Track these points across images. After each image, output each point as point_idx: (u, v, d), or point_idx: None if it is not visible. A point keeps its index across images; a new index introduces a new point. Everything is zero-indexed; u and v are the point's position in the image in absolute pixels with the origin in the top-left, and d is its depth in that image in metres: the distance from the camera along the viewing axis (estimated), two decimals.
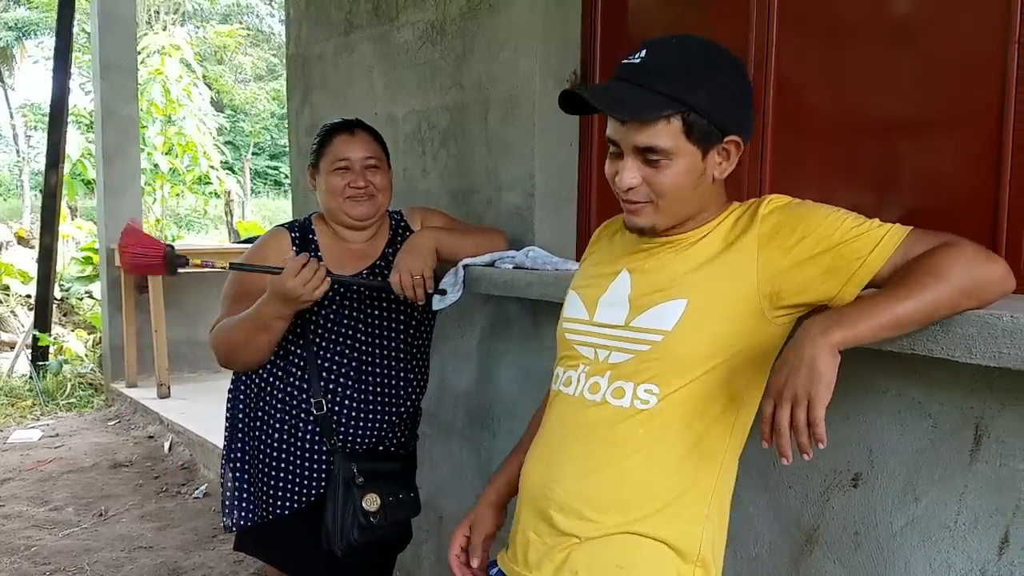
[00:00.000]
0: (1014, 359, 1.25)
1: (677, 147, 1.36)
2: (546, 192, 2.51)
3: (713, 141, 1.39)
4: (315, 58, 3.48)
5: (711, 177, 1.41)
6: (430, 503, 2.74)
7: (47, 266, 7.32)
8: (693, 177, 1.39)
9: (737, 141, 1.41)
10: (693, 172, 1.39)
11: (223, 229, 14.15)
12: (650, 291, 1.43)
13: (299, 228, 2.25)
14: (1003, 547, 1.45)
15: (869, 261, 1.29)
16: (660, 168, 1.37)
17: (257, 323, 2.06)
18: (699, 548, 1.41)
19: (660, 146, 1.36)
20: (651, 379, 1.40)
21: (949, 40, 1.76)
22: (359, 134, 2.22)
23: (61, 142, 7.34)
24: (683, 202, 1.41)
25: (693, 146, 1.37)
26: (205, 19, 19.74)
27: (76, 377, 7.01)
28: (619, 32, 2.45)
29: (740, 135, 1.41)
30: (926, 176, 1.82)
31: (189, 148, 10.66)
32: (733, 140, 1.40)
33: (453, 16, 2.74)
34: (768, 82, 2.06)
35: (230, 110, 19.54)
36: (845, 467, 1.67)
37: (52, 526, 4.13)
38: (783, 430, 1.21)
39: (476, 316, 2.69)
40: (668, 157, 1.37)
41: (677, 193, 1.39)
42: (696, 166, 1.39)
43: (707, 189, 1.42)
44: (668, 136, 1.35)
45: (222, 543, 3.85)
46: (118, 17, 6.51)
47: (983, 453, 1.48)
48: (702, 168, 1.39)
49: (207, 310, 6.25)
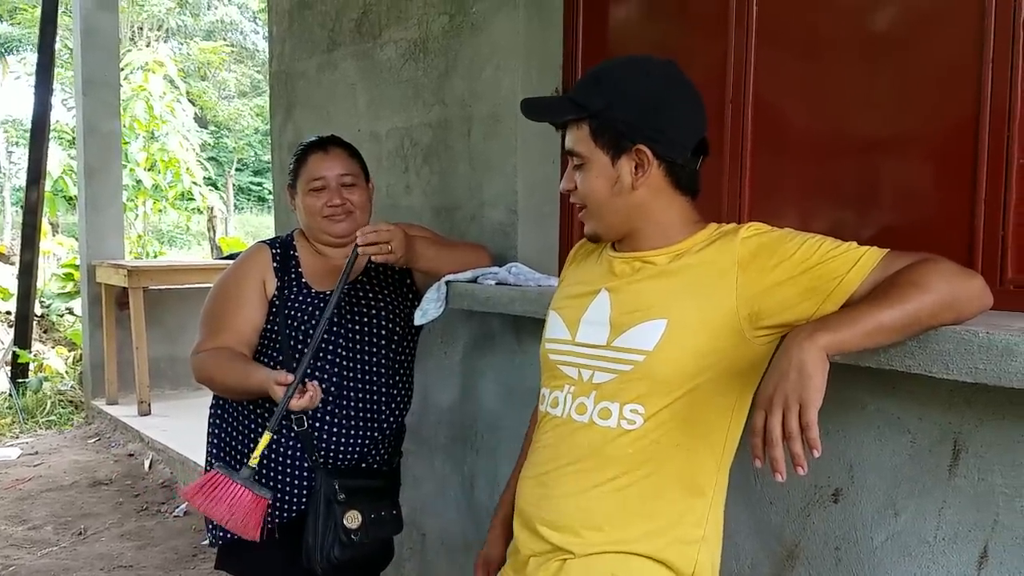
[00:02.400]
0: (990, 375, 1.27)
1: (589, 151, 1.44)
2: (529, 208, 2.52)
3: (623, 148, 1.42)
4: (298, 75, 3.48)
5: (629, 186, 1.43)
6: (413, 520, 2.73)
7: (27, 282, 7.27)
8: (607, 183, 1.44)
9: (644, 150, 1.42)
10: (606, 178, 1.44)
11: (206, 245, 14.07)
12: (630, 311, 1.43)
13: (280, 244, 2.25)
14: (982, 562, 1.46)
15: (847, 280, 1.30)
16: (582, 173, 1.46)
17: (249, 387, 2.04)
18: (694, 569, 1.41)
19: (575, 150, 1.46)
20: (636, 399, 1.40)
21: (926, 58, 1.78)
22: (333, 151, 2.21)
23: (43, 158, 7.30)
24: (609, 210, 1.46)
25: (601, 151, 1.44)
26: (189, 36, 19.69)
27: (56, 394, 6.95)
28: (600, 50, 2.47)
29: (650, 144, 1.41)
30: (903, 193, 1.84)
31: (172, 164, 10.61)
32: (640, 149, 1.41)
33: (436, 34, 2.76)
34: (747, 99, 2.08)
35: (213, 126, 19.48)
36: (825, 482, 1.68)
37: (31, 545, 4.09)
38: (776, 439, 1.19)
39: (459, 332, 2.69)
40: (584, 161, 1.46)
41: (595, 198, 1.47)
42: (608, 172, 1.44)
43: (635, 200, 1.44)
44: (580, 141, 1.45)
45: (203, 561, 3.82)
46: (101, 33, 6.50)
47: (961, 468, 1.49)
48: (615, 175, 1.44)
49: (188, 327, 6.21)
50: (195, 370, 2.16)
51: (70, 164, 10.14)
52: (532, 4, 2.49)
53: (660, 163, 1.43)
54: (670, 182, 1.45)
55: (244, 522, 1.87)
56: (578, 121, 1.45)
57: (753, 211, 2.07)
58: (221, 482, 1.88)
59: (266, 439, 1.92)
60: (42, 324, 8.37)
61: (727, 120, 2.11)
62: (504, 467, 2.51)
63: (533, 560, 1.49)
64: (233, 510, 1.86)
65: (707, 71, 2.12)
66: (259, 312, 2.17)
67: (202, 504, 1.87)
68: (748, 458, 1.25)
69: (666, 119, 1.43)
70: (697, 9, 2.22)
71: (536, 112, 1.53)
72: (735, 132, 2.10)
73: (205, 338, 2.16)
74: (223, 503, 1.86)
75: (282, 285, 2.18)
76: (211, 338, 2.15)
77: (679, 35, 2.29)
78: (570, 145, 1.47)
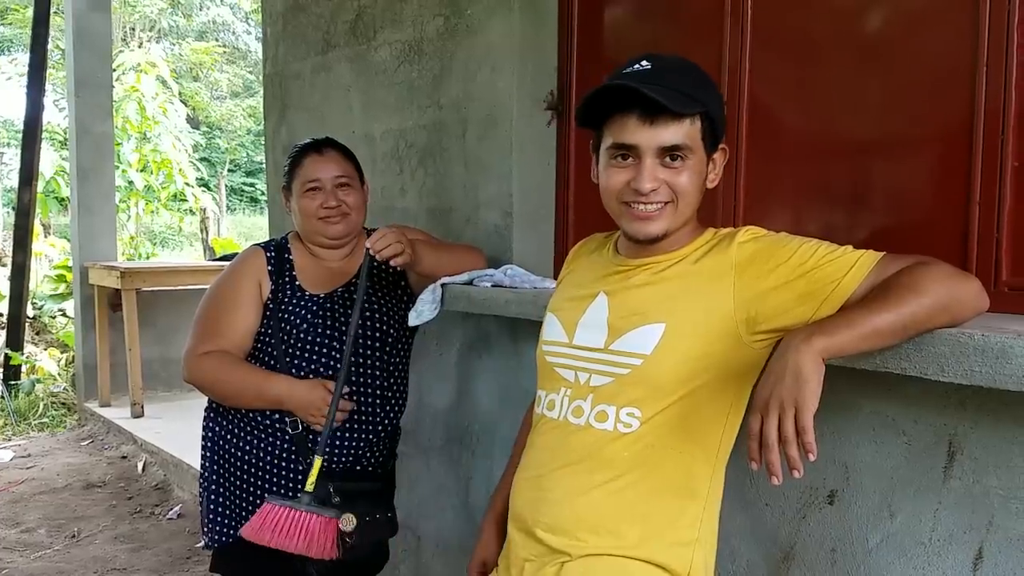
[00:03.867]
0: (985, 377, 1.27)
1: (696, 147, 1.41)
2: (524, 210, 2.52)
3: (714, 147, 1.45)
4: (292, 77, 3.48)
5: (712, 179, 1.47)
6: (407, 523, 2.72)
7: (20, 284, 7.24)
8: (701, 180, 1.45)
9: (726, 149, 1.48)
10: (701, 175, 1.44)
11: (198, 246, 14.04)
12: (628, 314, 1.44)
13: (275, 247, 2.25)
14: (977, 563, 1.47)
15: (843, 284, 1.31)
16: (679, 169, 1.41)
17: (258, 396, 2.08)
18: (689, 570, 1.42)
19: (686, 143, 1.39)
20: (632, 402, 1.40)
21: (920, 60, 1.78)
22: (328, 153, 2.21)
23: (35, 159, 7.26)
24: (691, 206, 1.46)
25: (703, 149, 1.43)
26: (181, 36, 19.63)
27: (49, 396, 6.91)
28: (595, 52, 2.47)
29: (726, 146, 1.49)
30: (898, 195, 1.84)
31: (164, 165, 10.58)
32: (723, 148, 1.47)
33: (431, 36, 2.76)
34: (742, 102, 2.08)
35: (206, 127, 19.43)
36: (821, 484, 1.68)
37: (24, 548, 4.07)
38: (771, 443, 1.19)
39: (454, 334, 2.69)
40: (689, 157, 1.41)
41: (691, 195, 1.43)
42: (703, 170, 1.44)
43: (699, 199, 1.46)
44: (692, 135, 1.40)
45: (196, 564, 3.81)
46: (93, 34, 6.48)
47: (956, 470, 1.49)
48: (706, 173, 1.45)
49: (181, 329, 6.14)
50: (192, 373, 2.14)
51: (62, 165, 10.09)
52: (527, 6, 2.49)
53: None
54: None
55: (322, 545, 1.90)
56: (690, 116, 1.39)
57: (748, 213, 2.08)
58: (283, 514, 1.90)
59: (318, 463, 1.96)
60: (34, 326, 8.34)
61: None
62: (500, 470, 2.50)
63: (528, 565, 1.48)
64: (308, 538, 1.89)
65: None
66: (254, 315, 2.17)
67: (272, 539, 1.89)
68: (744, 461, 1.25)
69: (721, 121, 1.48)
70: (692, 11, 2.22)
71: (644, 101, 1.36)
72: (730, 133, 2.10)
73: (200, 340, 2.15)
74: (296, 535, 1.89)
75: (277, 288, 2.18)
76: (206, 341, 2.14)
77: (674, 37, 2.30)
78: (675, 139, 1.38)
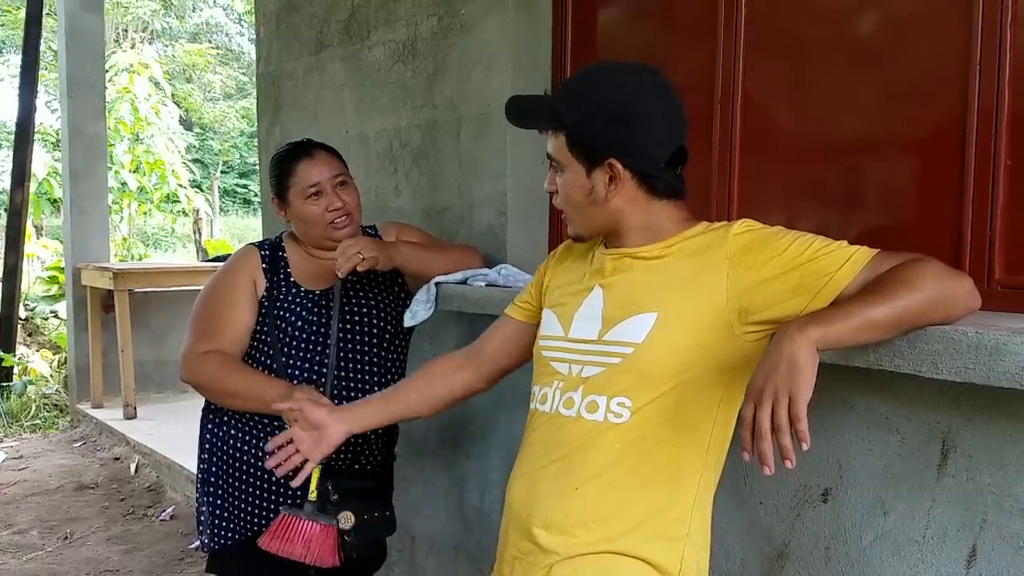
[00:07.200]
0: (979, 375, 1.27)
1: (566, 159, 1.46)
2: (518, 210, 2.52)
3: (596, 162, 1.43)
4: (286, 77, 3.47)
5: (603, 197, 1.44)
6: (402, 523, 2.71)
7: (12, 285, 7.22)
8: (582, 192, 1.46)
9: (616, 165, 1.42)
10: (580, 187, 1.46)
11: (191, 247, 14.00)
12: (622, 304, 1.44)
13: (269, 246, 2.25)
14: (971, 561, 1.47)
15: (836, 278, 1.31)
16: (560, 179, 1.48)
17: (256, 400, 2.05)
18: (680, 567, 1.41)
19: (553, 156, 1.48)
20: (623, 392, 1.41)
21: (913, 60, 1.79)
22: (319, 155, 2.20)
23: (27, 160, 7.24)
24: (585, 216, 1.48)
25: (577, 162, 1.45)
26: (174, 37, 19.58)
27: (41, 398, 6.89)
28: (589, 53, 2.47)
29: (622, 159, 1.42)
30: (891, 194, 1.85)
31: (157, 166, 10.55)
32: (612, 163, 1.42)
33: (424, 36, 2.76)
34: (735, 103, 2.08)
35: (199, 128, 19.38)
36: (815, 482, 1.69)
37: (16, 550, 4.05)
38: (764, 432, 1.19)
39: (448, 334, 2.68)
40: (561, 168, 1.48)
41: (572, 204, 1.49)
42: (582, 182, 1.46)
43: (611, 209, 1.46)
44: (558, 149, 1.47)
45: (189, 565, 3.80)
46: (86, 35, 6.46)
47: (950, 468, 1.50)
48: (589, 185, 1.45)
49: (174, 330, 6.19)
50: (192, 373, 2.12)
51: (55, 166, 10.06)
52: (521, 6, 2.49)
53: (633, 175, 1.44)
54: (645, 192, 1.45)
55: (320, 553, 1.92)
56: (556, 129, 1.47)
57: (741, 211, 2.08)
58: (290, 523, 1.93)
59: (317, 471, 1.96)
60: (27, 327, 8.31)
61: (716, 121, 2.12)
62: (495, 471, 2.51)
63: (518, 563, 1.48)
64: (308, 544, 1.91)
65: (695, 72, 2.12)
66: (251, 313, 2.16)
67: (279, 547, 1.91)
68: (737, 457, 1.25)
69: (638, 132, 1.42)
70: (685, 11, 2.22)
71: (517, 116, 1.52)
72: (723, 133, 2.11)
73: (198, 340, 2.14)
74: (297, 542, 1.91)
75: (271, 285, 2.17)
76: (205, 340, 2.13)
77: (668, 37, 2.30)
78: (549, 151, 1.49)
